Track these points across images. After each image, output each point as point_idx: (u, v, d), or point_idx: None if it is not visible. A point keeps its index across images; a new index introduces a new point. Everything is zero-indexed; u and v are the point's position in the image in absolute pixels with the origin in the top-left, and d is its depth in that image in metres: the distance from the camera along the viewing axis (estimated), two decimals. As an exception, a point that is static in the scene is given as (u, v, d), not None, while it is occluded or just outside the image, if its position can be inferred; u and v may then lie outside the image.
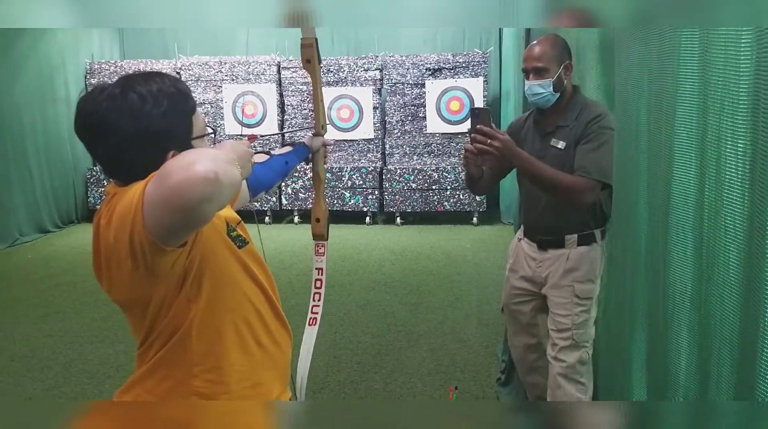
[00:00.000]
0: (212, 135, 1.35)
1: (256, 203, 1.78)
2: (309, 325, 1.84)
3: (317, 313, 1.86)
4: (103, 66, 7.54)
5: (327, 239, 1.93)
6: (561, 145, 2.20)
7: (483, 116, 2.05)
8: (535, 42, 2.27)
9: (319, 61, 1.83)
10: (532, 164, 2.11)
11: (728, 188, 0.72)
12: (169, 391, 1.26)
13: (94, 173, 7.45)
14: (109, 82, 1.20)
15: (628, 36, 1.35)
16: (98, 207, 1.23)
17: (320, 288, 1.89)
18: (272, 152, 1.81)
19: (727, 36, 0.71)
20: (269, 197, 7.08)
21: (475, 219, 6.92)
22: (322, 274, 1.90)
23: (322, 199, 1.92)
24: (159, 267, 1.13)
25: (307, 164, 1.93)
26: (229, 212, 1.41)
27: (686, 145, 0.86)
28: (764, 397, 0.75)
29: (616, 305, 1.68)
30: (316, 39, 1.79)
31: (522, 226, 2.49)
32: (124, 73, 1.29)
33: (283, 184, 6.92)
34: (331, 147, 2.14)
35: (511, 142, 2.06)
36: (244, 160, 1.19)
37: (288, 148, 1.85)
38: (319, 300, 1.88)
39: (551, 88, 2.17)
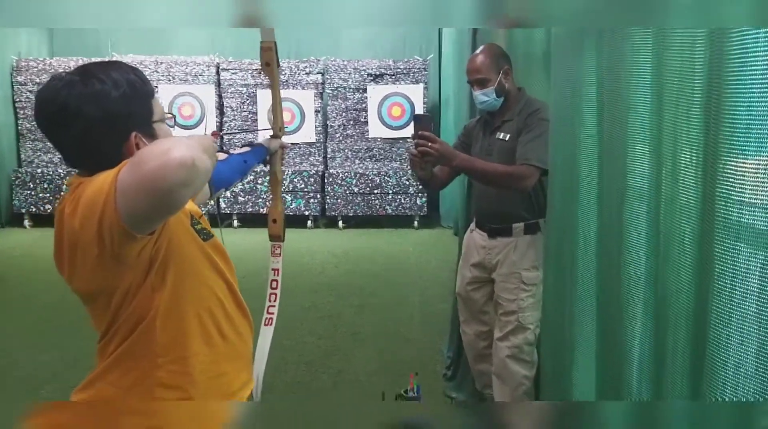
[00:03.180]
0: (173, 119, 1.37)
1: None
2: (265, 324, 1.85)
3: (273, 313, 1.86)
4: (31, 63, 7.21)
5: (283, 240, 1.94)
6: (506, 137, 2.40)
7: (425, 122, 2.29)
8: (473, 55, 2.49)
9: (278, 64, 1.85)
10: (470, 162, 2.33)
11: (683, 179, 0.80)
12: (134, 383, 1.25)
13: (20, 175, 7.11)
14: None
15: (575, 41, 1.45)
16: (60, 197, 1.23)
17: (276, 288, 1.90)
18: (230, 152, 1.83)
19: (682, 39, 0.79)
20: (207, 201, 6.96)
21: (416, 223, 7.02)
22: (278, 275, 1.91)
23: (279, 200, 1.94)
24: (126, 255, 1.14)
25: (265, 166, 1.95)
26: (191, 205, 1.42)
27: (643, 139, 0.94)
28: (715, 383, 0.81)
29: (554, 289, 1.76)
30: (275, 42, 1.81)
31: (474, 218, 2.66)
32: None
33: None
34: (289, 149, 2.19)
35: (447, 145, 2.29)
36: (210, 152, 1.22)
37: (246, 149, 1.87)
38: (275, 300, 1.89)
39: (494, 94, 2.38)
